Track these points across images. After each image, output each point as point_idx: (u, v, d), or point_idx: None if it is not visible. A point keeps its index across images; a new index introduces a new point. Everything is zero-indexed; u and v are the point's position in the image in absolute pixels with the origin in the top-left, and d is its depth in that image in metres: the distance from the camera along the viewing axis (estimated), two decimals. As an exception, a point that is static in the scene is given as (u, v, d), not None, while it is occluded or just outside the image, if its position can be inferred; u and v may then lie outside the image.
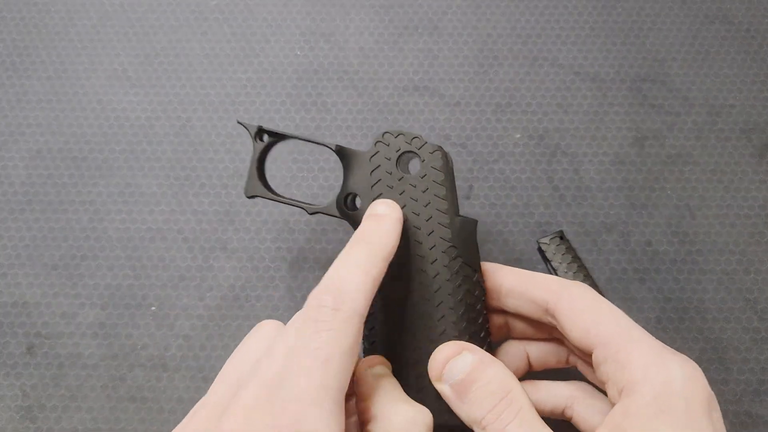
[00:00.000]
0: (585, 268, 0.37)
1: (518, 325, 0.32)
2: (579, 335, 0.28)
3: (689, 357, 0.37)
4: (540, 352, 0.32)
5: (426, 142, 0.30)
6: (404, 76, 0.42)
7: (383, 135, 0.30)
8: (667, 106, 0.41)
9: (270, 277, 0.39)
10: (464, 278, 0.29)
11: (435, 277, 0.29)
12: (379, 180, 0.30)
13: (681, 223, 0.39)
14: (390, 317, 0.29)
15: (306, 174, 0.40)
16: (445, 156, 0.30)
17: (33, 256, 0.39)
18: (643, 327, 0.37)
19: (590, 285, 0.37)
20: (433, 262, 0.29)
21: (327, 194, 0.40)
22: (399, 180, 0.30)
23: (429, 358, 0.28)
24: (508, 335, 0.33)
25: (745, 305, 0.38)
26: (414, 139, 0.30)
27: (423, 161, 0.30)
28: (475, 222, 0.30)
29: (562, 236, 0.38)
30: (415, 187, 0.30)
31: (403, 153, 0.30)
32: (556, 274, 0.37)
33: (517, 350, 0.33)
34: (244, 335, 0.35)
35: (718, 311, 0.38)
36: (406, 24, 0.43)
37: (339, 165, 0.37)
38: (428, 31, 0.43)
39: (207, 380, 0.37)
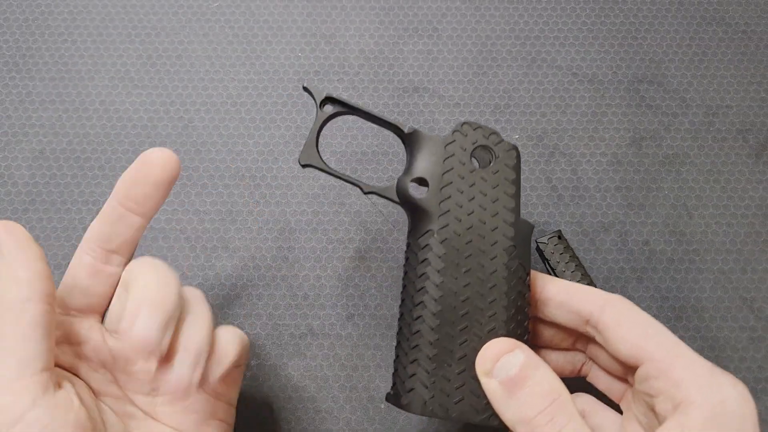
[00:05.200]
0: (583, 267, 0.38)
1: (546, 333, 0.33)
2: (626, 348, 0.28)
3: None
4: (558, 361, 0.33)
5: (502, 140, 0.30)
6: (404, 78, 0.42)
7: (462, 125, 0.30)
8: (664, 106, 0.42)
9: (272, 276, 0.39)
10: (518, 279, 0.30)
11: (492, 273, 0.29)
12: (452, 168, 0.30)
13: (678, 222, 0.40)
14: (442, 308, 0.29)
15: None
16: (519, 156, 0.30)
17: (36, 256, 0.39)
18: (641, 325, 0.38)
19: (588, 284, 0.37)
20: (493, 258, 0.29)
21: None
22: (471, 172, 0.30)
23: (474, 353, 0.28)
24: (533, 343, 0.34)
25: (742, 304, 0.39)
26: (492, 135, 0.30)
27: (497, 158, 0.30)
28: (532, 226, 0.30)
29: (560, 236, 0.38)
30: (485, 181, 0.30)
31: (479, 146, 0.30)
32: (554, 274, 0.37)
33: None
34: (245, 333, 0.36)
35: (715, 310, 0.38)
36: (406, 26, 0.43)
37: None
38: (428, 33, 0.43)
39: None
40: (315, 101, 0.31)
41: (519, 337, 0.29)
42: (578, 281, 0.37)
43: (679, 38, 0.43)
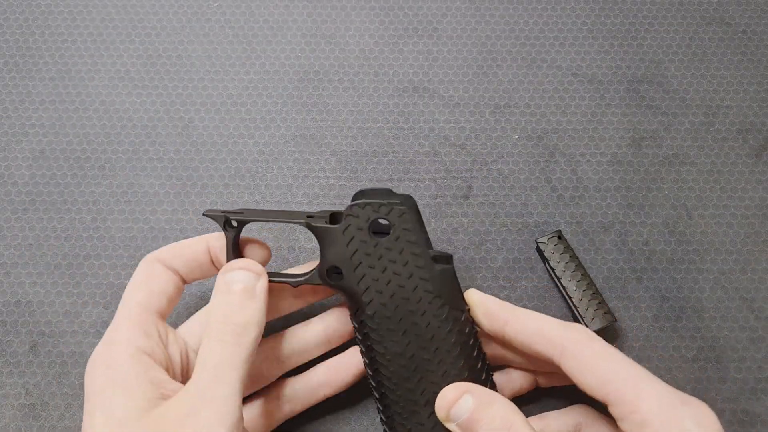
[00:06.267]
0: (582, 267, 0.38)
1: (518, 360, 0.34)
2: (590, 389, 0.29)
3: (686, 356, 0.38)
4: (546, 376, 0.35)
5: (393, 207, 0.32)
6: (404, 78, 0.42)
7: (351, 208, 0.32)
8: (664, 107, 0.42)
9: (271, 277, 0.39)
10: (453, 321, 0.32)
11: (427, 326, 0.32)
12: (357, 250, 0.32)
13: (678, 222, 0.40)
14: (394, 369, 0.32)
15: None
16: (414, 214, 0.32)
17: (36, 256, 0.39)
18: (641, 326, 0.38)
19: (587, 284, 0.37)
20: (423, 314, 0.32)
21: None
22: (374, 246, 0.32)
23: (436, 397, 0.31)
24: (509, 365, 0.35)
25: (742, 304, 0.39)
26: (381, 207, 0.32)
27: (393, 225, 0.32)
28: (451, 267, 0.32)
29: (560, 236, 0.38)
30: (391, 250, 0.32)
31: (373, 221, 0.32)
32: (555, 274, 0.37)
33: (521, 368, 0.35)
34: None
35: (715, 310, 0.38)
36: (406, 26, 0.43)
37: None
38: (428, 33, 0.43)
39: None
40: (219, 225, 0.32)
41: (472, 369, 0.32)
42: (578, 281, 0.37)
43: (679, 38, 0.43)
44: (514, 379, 0.35)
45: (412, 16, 0.43)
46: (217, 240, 0.33)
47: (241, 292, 0.30)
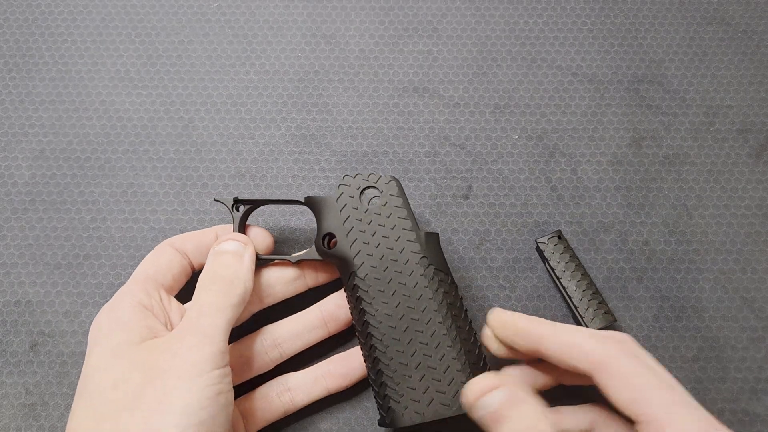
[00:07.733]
0: (583, 267, 0.38)
1: (561, 370, 0.34)
2: (622, 406, 0.29)
3: (686, 356, 0.38)
4: (572, 377, 0.34)
5: (381, 176, 0.35)
6: (404, 78, 0.42)
7: (343, 178, 0.35)
8: (664, 106, 0.42)
9: (271, 276, 0.39)
10: (440, 282, 0.33)
11: (414, 287, 0.33)
12: (349, 216, 0.34)
13: (678, 222, 0.40)
14: (385, 332, 0.33)
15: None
16: (399, 184, 0.35)
17: (36, 255, 0.39)
18: (641, 326, 0.38)
19: (587, 284, 0.37)
20: (410, 274, 0.33)
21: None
22: (365, 212, 0.34)
23: (426, 359, 0.32)
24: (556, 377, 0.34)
25: (742, 304, 0.39)
26: (370, 176, 0.35)
27: (381, 192, 0.35)
28: (437, 234, 0.35)
29: (560, 236, 0.38)
30: (380, 215, 0.34)
31: (363, 189, 0.35)
32: (554, 274, 0.37)
33: (546, 365, 0.34)
34: (245, 333, 0.36)
35: (715, 310, 0.38)
36: (406, 26, 0.43)
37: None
38: (428, 33, 0.43)
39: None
40: (227, 207, 0.36)
41: (461, 330, 0.33)
42: (578, 281, 0.37)
43: (679, 38, 0.43)
44: (538, 375, 0.34)
45: (412, 16, 0.43)
46: (224, 230, 0.36)
47: (230, 256, 0.33)
